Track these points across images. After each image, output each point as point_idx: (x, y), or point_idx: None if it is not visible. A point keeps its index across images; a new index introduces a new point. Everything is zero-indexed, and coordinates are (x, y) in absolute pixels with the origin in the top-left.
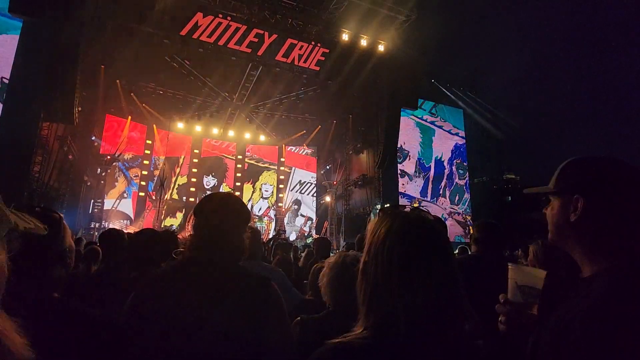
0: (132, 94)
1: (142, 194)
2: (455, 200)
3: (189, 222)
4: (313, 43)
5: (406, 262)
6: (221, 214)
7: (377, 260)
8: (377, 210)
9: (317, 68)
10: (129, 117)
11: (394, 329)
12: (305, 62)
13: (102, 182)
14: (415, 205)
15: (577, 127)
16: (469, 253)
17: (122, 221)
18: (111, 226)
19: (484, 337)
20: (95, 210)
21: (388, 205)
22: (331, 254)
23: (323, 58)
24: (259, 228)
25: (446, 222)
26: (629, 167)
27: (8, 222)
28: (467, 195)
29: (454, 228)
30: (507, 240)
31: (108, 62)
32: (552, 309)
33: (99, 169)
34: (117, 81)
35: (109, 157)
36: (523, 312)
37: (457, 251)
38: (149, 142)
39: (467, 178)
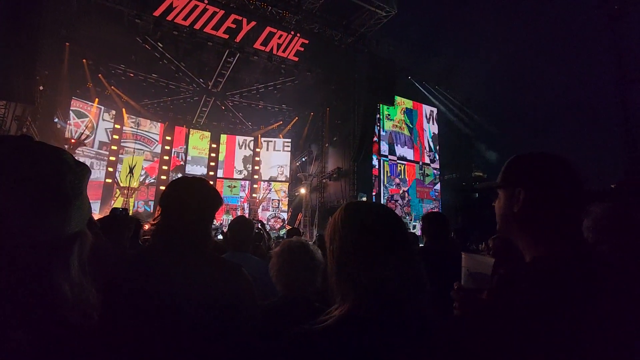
0: (99, 75)
1: (109, 180)
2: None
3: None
4: (292, 33)
5: (359, 246)
6: (185, 200)
7: (340, 243)
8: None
9: (296, 59)
10: (96, 100)
11: (363, 306)
12: (284, 51)
13: None
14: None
15: (545, 126)
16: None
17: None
18: None
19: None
20: None
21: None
22: None
23: (302, 49)
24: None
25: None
26: (564, 162)
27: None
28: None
29: None
30: (450, 230)
31: (74, 40)
32: (499, 293)
33: None
34: (84, 60)
35: (73, 140)
36: (474, 297)
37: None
38: (117, 127)
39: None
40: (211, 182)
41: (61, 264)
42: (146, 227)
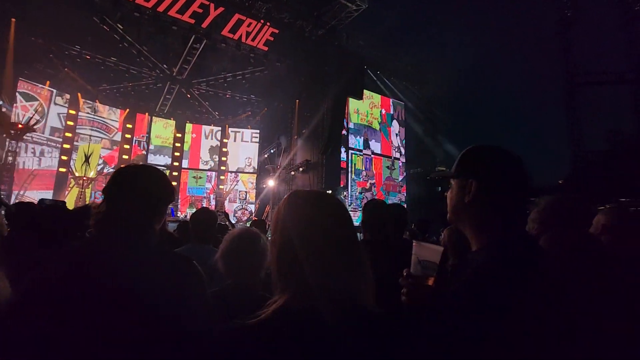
0: (51, 55)
1: (62, 169)
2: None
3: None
4: (262, 21)
5: (299, 236)
6: (130, 190)
7: (279, 232)
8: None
9: (266, 48)
10: (47, 83)
11: (300, 298)
12: (253, 40)
13: (10, 156)
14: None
15: (502, 125)
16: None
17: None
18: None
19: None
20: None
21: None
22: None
23: (272, 38)
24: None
25: None
26: (514, 157)
27: None
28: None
29: None
30: (389, 220)
31: (21, 15)
32: (446, 280)
33: (8, 140)
34: (33, 39)
35: (21, 125)
36: (422, 284)
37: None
38: (72, 112)
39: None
40: (175, 173)
41: None
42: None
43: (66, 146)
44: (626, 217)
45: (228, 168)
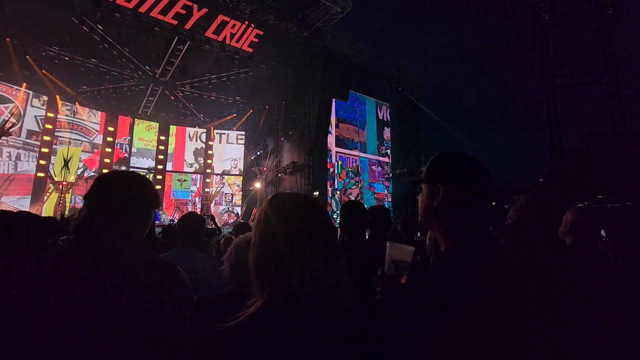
0: (27, 57)
1: (41, 174)
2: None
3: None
4: (247, 23)
5: (278, 238)
6: (111, 196)
7: (257, 234)
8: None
9: (251, 50)
10: (24, 85)
11: (277, 299)
12: (237, 42)
13: None
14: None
15: (484, 125)
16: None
17: (19, 204)
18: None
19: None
20: None
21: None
22: None
23: (257, 40)
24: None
25: None
26: (477, 162)
27: None
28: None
29: None
30: (389, 222)
31: None
32: (414, 278)
33: None
34: (8, 40)
35: None
36: (395, 283)
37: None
38: (50, 115)
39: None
40: (159, 176)
41: None
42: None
43: (44, 150)
44: (590, 214)
45: (213, 170)
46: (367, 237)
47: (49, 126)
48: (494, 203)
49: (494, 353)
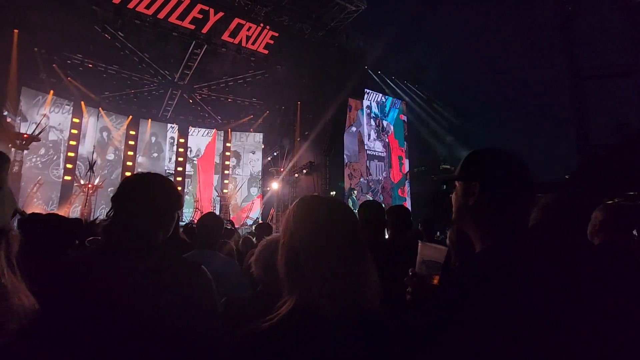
0: (54, 65)
1: (68, 177)
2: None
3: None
4: (262, 25)
5: (307, 240)
6: (136, 198)
7: (287, 236)
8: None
9: (266, 51)
10: (51, 92)
11: (306, 301)
12: (253, 44)
13: (15, 166)
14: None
15: (507, 120)
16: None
17: (46, 207)
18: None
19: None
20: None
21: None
22: None
23: (272, 42)
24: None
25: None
26: (516, 159)
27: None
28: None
29: None
30: (409, 222)
31: (24, 26)
32: (449, 280)
33: (13, 150)
34: (35, 49)
35: (26, 135)
36: (426, 283)
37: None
38: (76, 120)
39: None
40: (179, 178)
41: None
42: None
43: (70, 154)
44: (621, 213)
45: (231, 172)
46: (387, 237)
47: (74, 131)
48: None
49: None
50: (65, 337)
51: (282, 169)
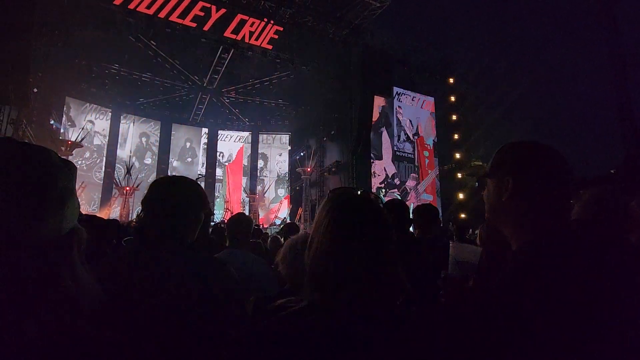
0: (93, 75)
1: (107, 181)
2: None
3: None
4: (265, 20)
5: (339, 235)
6: (165, 200)
7: (318, 233)
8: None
9: (270, 46)
10: (91, 100)
11: (328, 297)
12: (257, 39)
13: None
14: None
15: (544, 114)
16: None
17: (88, 208)
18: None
19: (423, 307)
20: None
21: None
22: None
23: (277, 36)
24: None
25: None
26: (551, 151)
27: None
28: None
29: None
30: (437, 221)
31: (66, 41)
32: (485, 281)
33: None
34: (77, 61)
35: (70, 142)
36: (460, 284)
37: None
38: (114, 126)
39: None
40: (210, 179)
41: (63, 260)
42: None
43: (110, 159)
44: None
45: (259, 172)
46: (414, 235)
47: (113, 136)
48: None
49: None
50: (121, 326)
51: (309, 169)
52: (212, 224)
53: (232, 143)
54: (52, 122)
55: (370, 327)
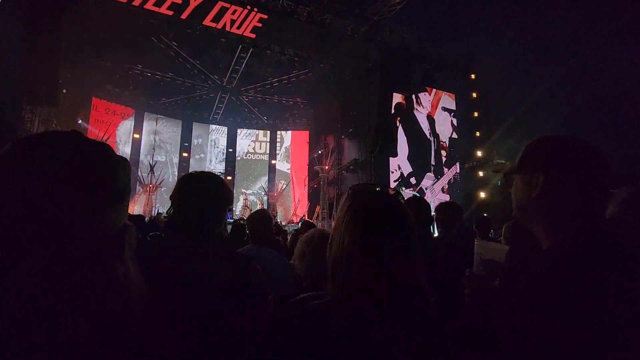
0: (118, 76)
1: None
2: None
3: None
4: (248, 8)
5: (360, 233)
6: (194, 195)
7: (339, 230)
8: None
9: (253, 35)
10: (116, 100)
11: (348, 297)
12: (238, 28)
13: None
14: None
15: (571, 111)
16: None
17: None
18: None
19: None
20: None
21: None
22: None
23: (260, 24)
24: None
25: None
26: (585, 145)
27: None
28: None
29: None
30: (460, 219)
31: (92, 43)
32: (512, 280)
33: None
34: (102, 62)
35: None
36: (486, 284)
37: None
38: (137, 126)
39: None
40: (229, 177)
41: (117, 252)
42: None
43: (134, 157)
44: None
45: (277, 171)
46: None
47: (136, 136)
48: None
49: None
50: (160, 321)
51: (326, 167)
52: (232, 220)
53: (242, 139)
54: (79, 121)
55: (393, 325)
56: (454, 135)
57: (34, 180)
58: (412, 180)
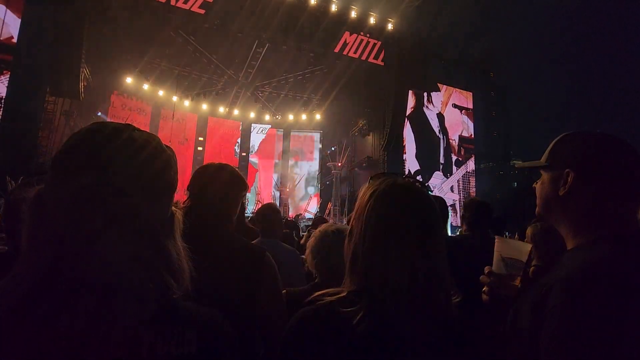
0: (138, 70)
1: None
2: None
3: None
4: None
5: (384, 225)
6: (210, 186)
7: (360, 222)
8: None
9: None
10: (136, 94)
11: (369, 292)
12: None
13: None
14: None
15: (598, 110)
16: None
17: None
18: None
19: (466, 308)
20: None
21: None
22: None
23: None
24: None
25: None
26: (619, 143)
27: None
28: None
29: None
30: (491, 219)
31: (113, 37)
32: (535, 280)
33: None
34: (123, 55)
35: None
36: (506, 284)
37: None
38: (155, 119)
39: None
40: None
41: (170, 237)
42: None
43: None
44: None
45: (290, 170)
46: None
47: (154, 129)
48: None
49: None
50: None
51: (339, 164)
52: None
53: (255, 135)
54: (99, 113)
55: (416, 323)
56: (465, 134)
57: (116, 171)
58: (419, 178)
